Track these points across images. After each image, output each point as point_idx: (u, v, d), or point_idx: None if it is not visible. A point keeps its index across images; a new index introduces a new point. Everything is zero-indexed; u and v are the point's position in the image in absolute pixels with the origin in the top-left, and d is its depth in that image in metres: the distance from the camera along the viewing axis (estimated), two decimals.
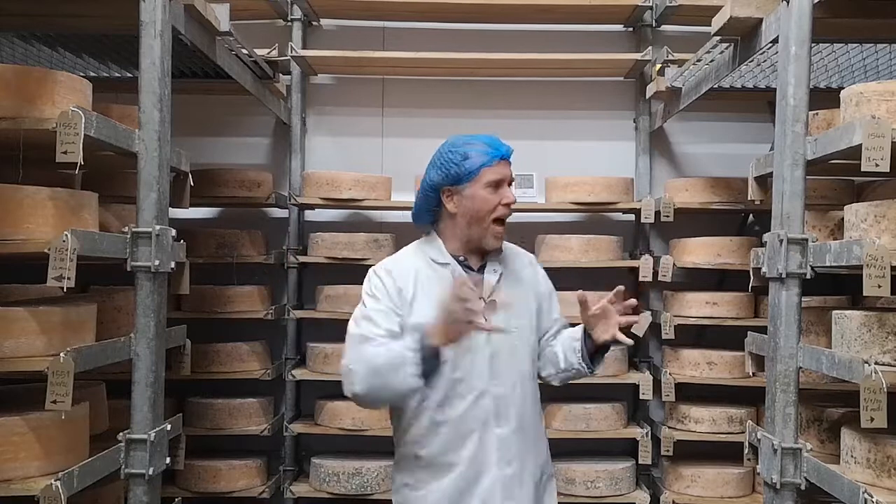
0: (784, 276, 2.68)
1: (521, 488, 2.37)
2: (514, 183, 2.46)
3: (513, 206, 2.40)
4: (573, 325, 2.51)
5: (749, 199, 3.13)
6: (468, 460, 2.33)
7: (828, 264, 2.58)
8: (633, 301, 2.32)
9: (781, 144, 2.72)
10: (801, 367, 2.70)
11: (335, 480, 4.15)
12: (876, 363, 2.33)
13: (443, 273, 2.39)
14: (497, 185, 2.37)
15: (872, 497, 2.25)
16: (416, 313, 2.33)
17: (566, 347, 2.44)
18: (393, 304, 2.34)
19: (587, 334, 2.37)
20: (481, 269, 2.44)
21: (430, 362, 2.18)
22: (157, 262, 2.76)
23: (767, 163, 2.93)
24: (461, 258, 2.43)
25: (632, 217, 4.63)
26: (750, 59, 3.26)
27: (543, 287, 2.55)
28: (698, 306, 4.25)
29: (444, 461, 2.34)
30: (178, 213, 3.16)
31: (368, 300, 2.37)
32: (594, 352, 2.38)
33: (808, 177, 2.70)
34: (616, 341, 2.30)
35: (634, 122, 4.67)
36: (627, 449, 4.42)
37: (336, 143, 4.74)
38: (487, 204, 2.36)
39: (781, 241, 2.67)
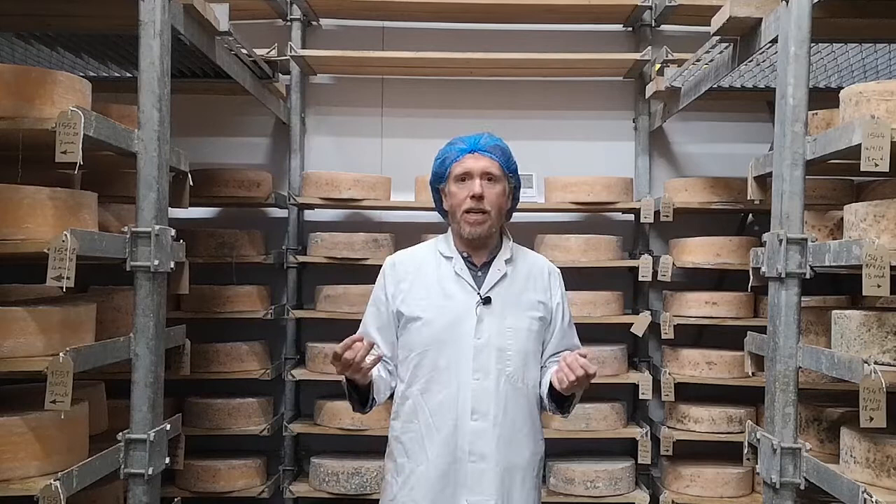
0: (783, 275, 2.68)
1: (492, 484, 2.38)
2: (491, 177, 2.41)
3: (484, 199, 2.38)
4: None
5: (748, 198, 3.13)
6: (441, 449, 2.39)
7: (827, 264, 2.58)
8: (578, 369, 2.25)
9: (781, 144, 2.72)
10: (800, 367, 2.70)
11: (334, 480, 4.15)
12: (875, 363, 2.33)
13: (445, 266, 2.49)
14: (464, 178, 2.42)
15: (872, 497, 2.25)
16: (410, 303, 2.46)
17: (543, 381, 2.47)
18: (386, 298, 2.51)
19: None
20: (485, 266, 2.48)
21: (356, 391, 2.40)
22: (156, 262, 2.76)
23: (767, 163, 2.93)
24: (465, 254, 2.50)
25: (631, 217, 4.63)
26: (749, 59, 3.26)
27: (557, 299, 2.54)
28: (698, 306, 4.25)
29: (420, 448, 2.41)
30: (177, 212, 3.15)
31: (373, 292, 2.57)
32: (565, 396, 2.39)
33: (807, 177, 2.70)
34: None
35: (634, 121, 4.66)
36: (627, 449, 4.42)
37: (335, 142, 4.73)
38: (456, 198, 2.44)
39: (781, 240, 2.67)
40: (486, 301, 2.42)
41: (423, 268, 2.51)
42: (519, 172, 2.54)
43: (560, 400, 2.41)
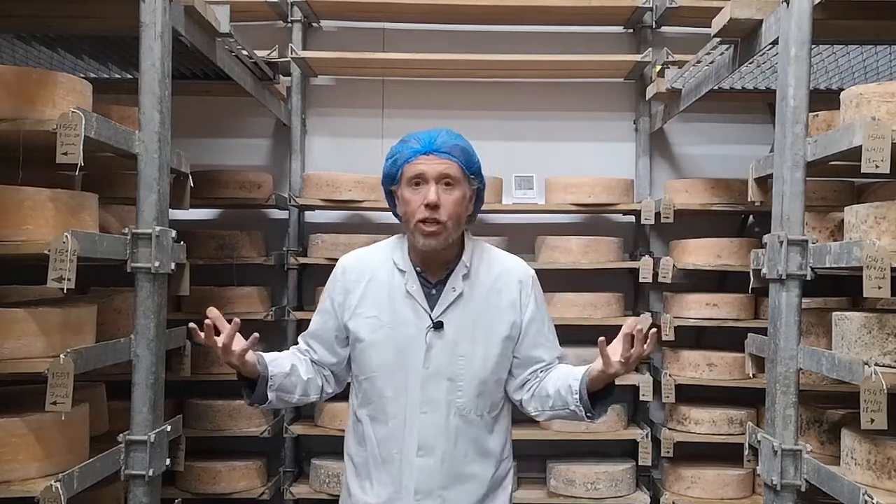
0: (784, 277, 2.68)
1: None
2: (449, 182, 2.14)
3: (439, 208, 2.11)
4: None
5: (749, 200, 3.13)
6: (386, 482, 2.21)
7: (828, 266, 2.58)
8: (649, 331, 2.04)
9: (781, 146, 2.72)
10: (801, 369, 2.70)
11: (335, 482, 4.15)
12: (876, 364, 2.33)
13: (398, 280, 2.23)
14: (418, 182, 2.15)
15: (873, 498, 2.25)
16: (358, 320, 2.24)
17: (560, 385, 2.19)
18: (333, 308, 2.29)
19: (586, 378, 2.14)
20: (440, 284, 2.22)
21: (247, 383, 2.27)
22: (157, 264, 2.76)
23: (767, 164, 2.93)
24: (419, 269, 2.24)
25: (632, 218, 4.63)
26: (750, 61, 3.26)
27: (529, 314, 2.26)
28: (698, 307, 4.24)
29: (367, 475, 2.25)
30: (178, 214, 3.16)
31: (321, 297, 2.38)
32: (597, 393, 2.14)
33: (808, 178, 2.70)
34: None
35: (634, 123, 4.67)
36: (627, 450, 4.42)
37: (336, 144, 4.74)
38: (410, 205, 2.15)
39: (781, 242, 2.67)
40: (438, 326, 2.17)
41: (374, 278, 2.24)
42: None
43: (591, 398, 2.13)
